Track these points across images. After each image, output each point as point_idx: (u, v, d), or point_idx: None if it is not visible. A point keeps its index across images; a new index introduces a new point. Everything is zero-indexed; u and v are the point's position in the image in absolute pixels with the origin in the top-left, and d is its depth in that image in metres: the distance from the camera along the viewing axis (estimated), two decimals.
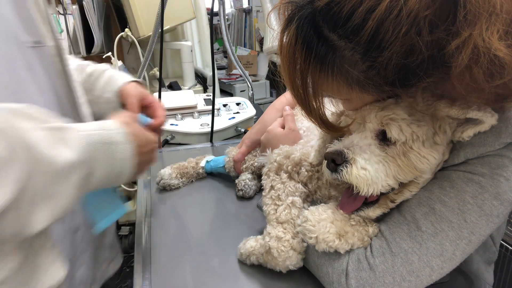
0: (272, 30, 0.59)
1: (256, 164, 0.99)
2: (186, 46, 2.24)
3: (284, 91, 1.03)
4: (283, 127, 0.87)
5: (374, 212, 0.60)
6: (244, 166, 1.00)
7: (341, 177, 0.56)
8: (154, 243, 0.82)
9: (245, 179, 0.99)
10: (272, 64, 0.63)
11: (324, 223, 0.60)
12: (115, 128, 0.63)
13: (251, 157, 1.01)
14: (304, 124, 0.88)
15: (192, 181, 1.09)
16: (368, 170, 0.54)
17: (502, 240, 1.52)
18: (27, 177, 0.45)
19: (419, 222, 0.57)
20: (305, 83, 0.54)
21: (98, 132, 0.59)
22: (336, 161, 0.56)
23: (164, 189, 1.05)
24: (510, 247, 1.50)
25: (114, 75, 0.92)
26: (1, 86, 0.61)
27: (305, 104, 0.57)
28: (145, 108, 0.88)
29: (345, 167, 0.55)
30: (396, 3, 0.43)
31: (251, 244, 0.71)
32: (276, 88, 3.47)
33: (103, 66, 0.95)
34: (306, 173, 0.72)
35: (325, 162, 0.59)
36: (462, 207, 0.55)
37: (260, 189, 1.01)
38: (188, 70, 2.29)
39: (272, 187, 0.71)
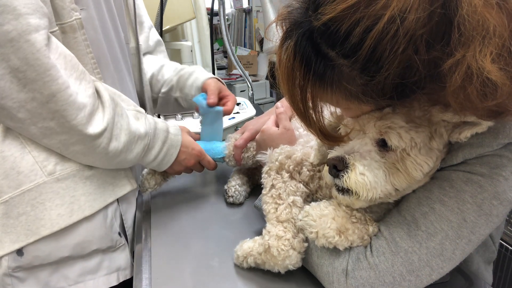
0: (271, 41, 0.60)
1: (258, 157, 0.96)
2: (186, 46, 2.24)
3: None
4: (277, 126, 0.87)
5: (357, 202, 0.59)
6: (246, 155, 0.96)
7: (342, 183, 0.56)
8: (154, 243, 0.82)
9: (235, 185, 0.97)
10: (270, 71, 0.64)
11: (325, 219, 0.61)
12: (172, 125, 0.90)
13: (252, 148, 0.95)
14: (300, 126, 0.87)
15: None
16: (366, 176, 0.55)
17: (502, 240, 1.52)
18: (114, 121, 0.74)
19: (419, 222, 0.57)
20: (304, 97, 0.55)
21: (162, 124, 0.86)
22: (338, 167, 0.57)
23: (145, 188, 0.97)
24: (510, 247, 1.50)
25: (198, 76, 1.08)
26: (112, 74, 0.87)
27: (305, 117, 0.57)
28: (221, 99, 1.04)
29: (345, 173, 0.56)
30: (393, 23, 0.43)
31: (249, 245, 0.71)
32: (276, 88, 3.47)
33: (192, 68, 1.12)
34: (307, 172, 0.72)
35: (326, 167, 0.59)
36: (461, 206, 0.55)
37: (249, 195, 0.99)
38: None
39: (273, 186, 0.71)
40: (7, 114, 0.65)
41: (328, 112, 0.66)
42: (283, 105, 0.90)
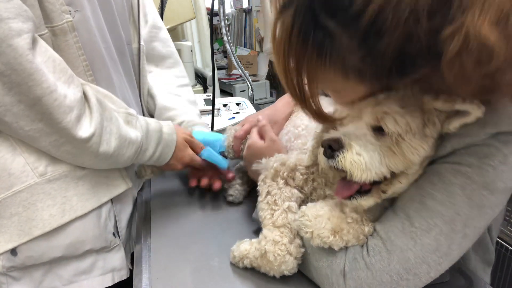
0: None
1: (254, 166, 0.96)
2: (186, 46, 2.24)
3: (284, 91, 1.02)
4: (262, 137, 0.86)
5: (366, 201, 0.59)
6: (245, 146, 0.96)
7: (336, 163, 0.55)
8: (154, 243, 0.82)
9: (235, 184, 0.98)
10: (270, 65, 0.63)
11: (321, 219, 0.61)
12: (167, 124, 0.89)
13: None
14: (304, 121, 0.87)
15: None
16: (363, 156, 0.54)
17: (502, 240, 1.52)
18: (103, 125, 0.73)
19: (412, 219, 0.56)
20: (300, 70, 0.53)
21: (155, 124, 0.86)
22: (333, 147, 0.56)
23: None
24: (510, 247, 1.50)
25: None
26: (108, 76, 0.86)
27: (299, 93, 0.56)
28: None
29: (341, 153, 0.55)
30: None
31: (245, 247, 0.71)
32: (276, 88, 3.47)
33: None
34: (301, 176, 0.72)
35: (321, 149, 0.58)
36: (452, 199, 0.54)
37: (249, 194, 1.00)
38: (188, 70, 2.29)
39: (268, 193, 0.71)
40: None
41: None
42: (264, 117, 0.90)
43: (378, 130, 0.56)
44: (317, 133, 0.69)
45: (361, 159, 0.54)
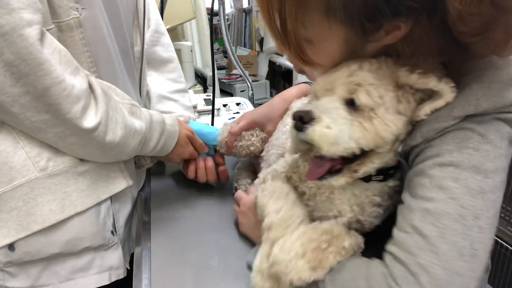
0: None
1: (252, 148, 0.96)
2: (186, 46, 2.24)
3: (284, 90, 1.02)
4: None
5: (337, 181, 0.58)
6: (240, 144, 0.97)
7: (305, 136, 0.54)
8: (153, 243, 0.82)
9: (245, 184, 0.98)
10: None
11: (295, 261, 0.57)
12: (168, 115, 0.91)
13: (247, 137, 0.97)
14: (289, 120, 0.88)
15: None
16: (332, 129, 0.53)
17: (502, 240, 1.52)
18: (108, 115, 0.73)
19: (420, 229, 0.52)
20: (283, 3, 0.52)
21: (158, 115, 0.88)
22: (304, 118, 0.54)
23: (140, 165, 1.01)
24: (510, 247, 1.50)
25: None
26: (113, 74, 0.86)
27: (282, 31, 0.55)
28: None
29: (310, 125, 0.54)
30: None
31: (256, 261, 0.65)
32: (276, 88, 3.47)
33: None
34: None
35: (292, 122, 0.57)
36: (451, 194, 0.51)
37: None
38: (188, 70, 2.29)
39: (264, 186, 0.71)
40: (0, 109, 0.65)
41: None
42: (296, 90, 0.94)
43: (351, 104, 0.55)
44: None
45: (330, 132, 0.53)
